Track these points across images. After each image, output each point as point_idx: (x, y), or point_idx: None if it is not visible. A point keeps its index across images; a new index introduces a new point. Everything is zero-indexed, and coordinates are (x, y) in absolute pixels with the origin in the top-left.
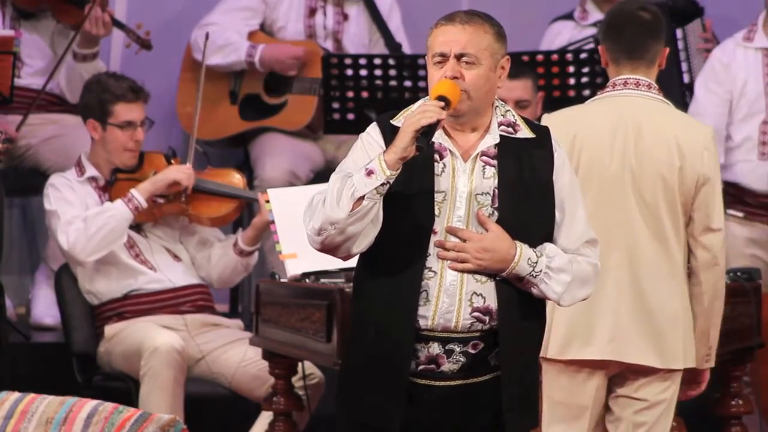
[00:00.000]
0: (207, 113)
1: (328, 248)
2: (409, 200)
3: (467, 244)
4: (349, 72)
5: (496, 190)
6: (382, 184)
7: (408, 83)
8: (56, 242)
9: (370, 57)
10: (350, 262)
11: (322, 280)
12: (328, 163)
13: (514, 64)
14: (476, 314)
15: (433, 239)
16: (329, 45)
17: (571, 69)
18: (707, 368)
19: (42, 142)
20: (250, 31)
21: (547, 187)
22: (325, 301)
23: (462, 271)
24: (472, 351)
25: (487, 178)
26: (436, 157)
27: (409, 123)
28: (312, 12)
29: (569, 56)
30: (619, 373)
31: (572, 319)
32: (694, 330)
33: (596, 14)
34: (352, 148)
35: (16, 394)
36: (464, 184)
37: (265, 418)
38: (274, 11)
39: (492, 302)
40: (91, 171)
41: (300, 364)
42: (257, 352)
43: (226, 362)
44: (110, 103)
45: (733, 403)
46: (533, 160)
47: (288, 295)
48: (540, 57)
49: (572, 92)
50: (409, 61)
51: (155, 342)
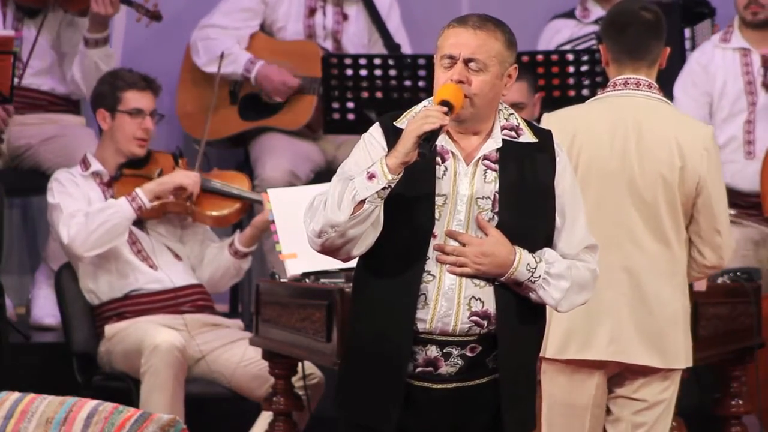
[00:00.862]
0: (207, 113)
1: (328, 250)
2: (409, 203)
3: (466, 249)
4: (349, 72)
5: (496, 195)
6: (384, 188)
7: (408, 83)
8: (56, 236)
9: (370, 57)
10: (350, 262)
11: (322, 280)
12: (328, 163)
13: None
14: (475, 318)
15: (432, 243)
16: (329, 45)
17: (571, 69)
18: None
19: (42, 142)
20: (251, 33)
21: (548, 192)
22: (325, 301)
23: (461, 275)
24: (469, 354)
25: (488, 183)
26: (438, 160)
27: (412, 128)
28: (311, 12)
29: (569, 56)
30: (618, 374)
31: (572, 320)
32: None
33: (598, 11)
34: (354, 149)
35: (16, 394)
36: (465, 187)
37: (265, 418)
38: (274, 11)
39: (490, 306)
40: (96, 166)
41: (300, 364)
42: (257, 352)
43: (226, 362)
44: (121, 90)
45: (733, 403)
46: (535, 165)
47: (288, 295)
48: (540, 57)
49: (572, 92)
50: (408, 61)
51: (156, 340)
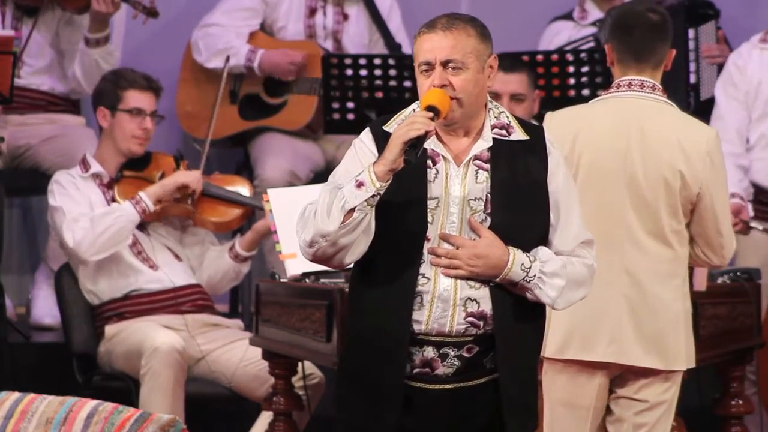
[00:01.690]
0: (206, 113)
1: (321, 260)
2: (401, 208)
3: (460, 251)
4: (349, 72)
5: (488, 195)
6: (373, 196)
7: (408, 83)
8: (60, 239)
9: (370, 57)
10: None
11: (322, 280)
12: (328, 163)
13: (510, 58)
14: (470, 319)
15: (426, 246)
16: (329, 45)
17: (571, 69)
18: None
19: (42, 142)
20: (251, 32)
21: (541, 190)
22: (325, 301)
23: (455, 277)
24: (466, 355)
25: (480, 183)
26: (429, 162)
27: (398, 135)
28: (312, 12)
29: (569, 56)
30: (620, 374)
31: (572, 320)
32: None
33: (596, 13)
34: (346, 154)
35: (16, 394)
36: (457, 189)
37: (265, 418)
38: (274, 11)
39: (486, 307)
40: (95, 167)
41: (300, 364)
42: (257, 352)
43: (227, 362)
44: (122, 88)
45: (734, 403)
46: (526, 164)
47: (288, 295)
48: (540, 57)
49: (572, 92)
50: (409, 61)
51: (156, 342)
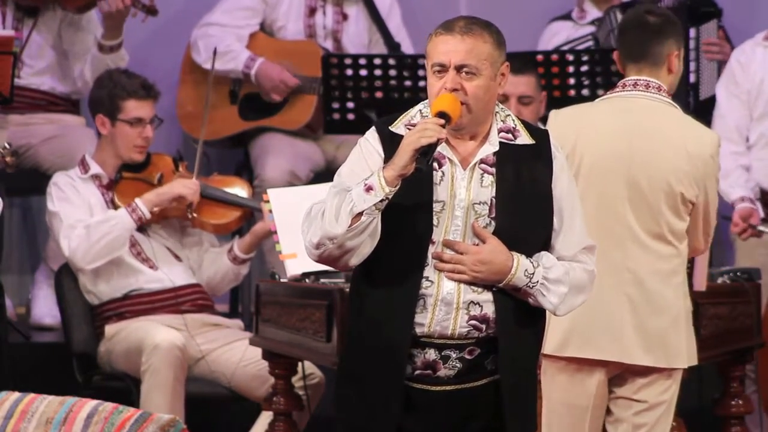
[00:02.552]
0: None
1: (326, 261)
2: (407, 211)
3: (464, 257)
4: (349, 72)
5: (493, 200)
6: (381, 201)
7: (408, 83)
8: (57, 245)
9: (370, 57)
10: None
11: (322, 280)
12: (328, 163)
13: (519, 60)
14: (473, 323)
15: (431, 249)
16: (329, 45)
17: (571, 69)
18: None
19: (42, 142)
20: (251, 33)
21: (546, 195)
22: (325, 301)
23: (459, 281)
24: (468, 357)
25: (485, 187)
26: (435, 165)
27: (409, 141)
28: (312, 11)
29: (569, 56)
30: (619, 374)
31: (574, 317)
32: None
33: (594, 13)
34: (351, 154)
35: (16, 394)
36: (463, 193)
37: (265, 418)
38: (274, 11)
39: (489, 311)
40: (95, 169)
41: (300, 364)
42: (257, 352)
43: (226, 362)
44: (121, 99)
45: (734, 403)
46: (532, 168)
47: (288, 295)
48: (540, 57)
49: (572, 92)
50: (409, 61)
51: (156, 339)
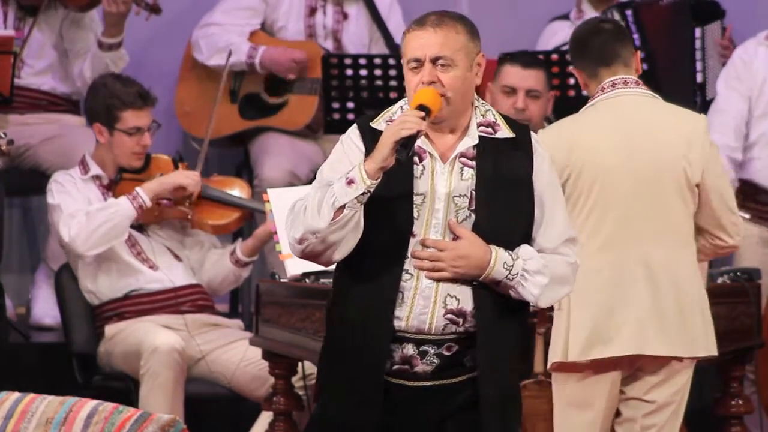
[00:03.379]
0: (206, 112)
1: (310, 256)
2: (388, 204)
3: (442, 254)
4: (349, 72)
5: (473, 192)
6: (363, 194)
7: None
8: (57, 235)
9: (370, 57)
10: None
11: (322, 280)
12: None
13: (528, 56)
14: (450, 316)
15: (412, 242)
16: (329, 44)
17: (571, 68)
18: None
19: (42, 142)
20: (251, 31)
21: (526, 187)
22: (325, 301)
23: (438, 279)
24: (446, 353)
25: (465, 180)
26: (415, 159)
27: (390, 134)
28: (312, 11)
29: (568, 56)
30: (629, 375)
31: (595, 320)
32: None
33: (592, 13)
34: (332, 152)
35: (16, 394)
36: (443, 185)
37: (265, 418)
38: (274, 11)
39: (466, 304)
40: (95, 169)
41: (300, 364)
42: (257, 352)
43: (226, 362)
44: (118, 109)
45: (734, 403)
46: (512, 161)
47: (288, 295)
48: (540, 57)
49: (572, 92)
50: None
51: (155, 342)
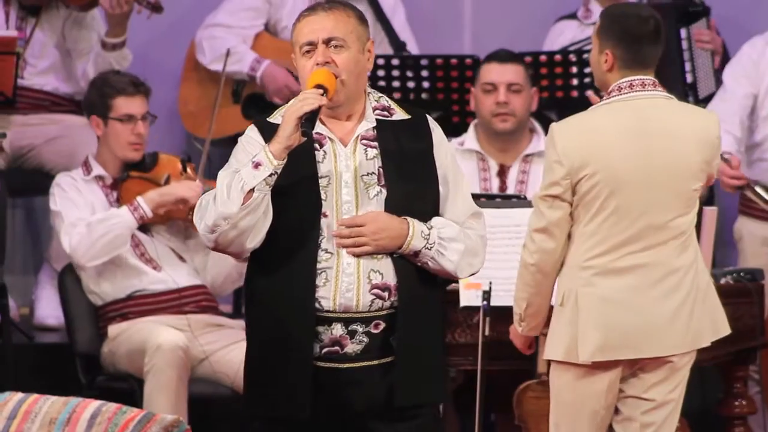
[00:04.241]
0: (209, 112)
1: (222, 245)
2: (294, 187)
3: (363, 229)
4: None
5: (380, 169)
6: (270, 175)
7: (411, 83)
8: (59, 243)
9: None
10: None
11: None
12: None
13: (504, 52)
14: (375, 291)
15: (324, 222)
16: None
17: (574, 69)
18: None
19: (45, 142)
20: (256, 33)
21: (430, 161)
22: None
23: (361, 254)
24: (374, 331)
25: (370, 159)
26: (316, 145)
27: (291, 111)
28: None
29: (572, 56)
30: (628, 374)
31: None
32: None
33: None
34: (234, 151)
35: (20, 395)
36: (347, 166)
37: None
38: (278, 11)
39: (389, 278)
40: (97, 170)
41: None
42: None
43: (230, 362)
44: (110, 97)
45: (737, 403)
46: (412, 139)
47: None
48: (543, 57)
49: (575, 92)
50: (412, 61)
51: (159, 340)
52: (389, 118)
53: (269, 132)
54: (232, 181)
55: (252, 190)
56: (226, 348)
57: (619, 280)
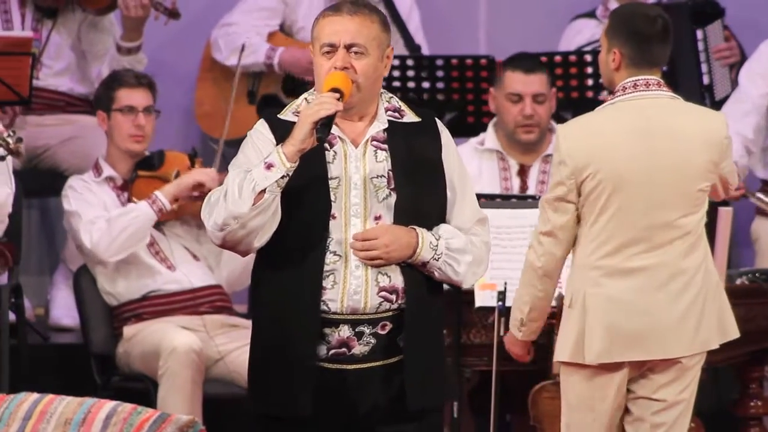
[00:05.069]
0: (224, 112)
1: (230, 243)
2: (304, 189)
3: (375, 242)
4: None
5: (390, 173)
6: (282, 177)
7: (426, 84)
8: (77, 242)
9: None
10: None
11: None
12: None
13: (530, 60)
14: (383, 293)
15: (332, 224)
16: None
17: (590, 70)
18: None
19: (60, 143)
20: (270, 32)
21: (438, 166)
22: None
23: (376, 266)
24: (381, 332)
25: (380, 162)
26: (327, 145)
27: (307, 115)
28: None
29: (587, 57)
30: (637, 374)
31: (612, 324)
32: None
33: None
34: (242, 146)
35: (35, 395)
36: (357, 168)
37: None
38: (293, 12)
39: (397, 281)
40: (108, 171)
41: None
42: None
43: (244, 363)
44: (113, 89)
45: (752, 404)
46: (421, 142)
47: None
48: (558, 57)
49: (590, 93)
50: (427, 62)
51: (173, 342)
52: (400, 120)
53: (280, 129)
54: (244, 180)
55: (263, 191)
56: (241, 348)
57: (626, 282)
